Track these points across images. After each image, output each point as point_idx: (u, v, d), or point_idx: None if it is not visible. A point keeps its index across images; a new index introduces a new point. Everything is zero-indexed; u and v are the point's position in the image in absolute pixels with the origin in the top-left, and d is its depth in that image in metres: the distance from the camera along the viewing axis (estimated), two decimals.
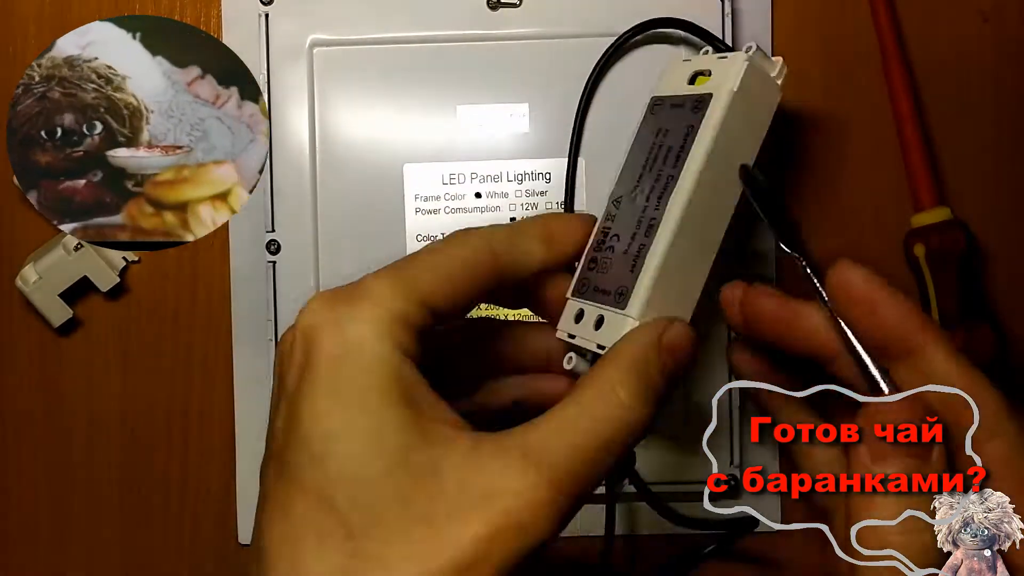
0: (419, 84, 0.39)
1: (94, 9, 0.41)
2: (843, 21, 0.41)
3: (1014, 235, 0.41)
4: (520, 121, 0.39)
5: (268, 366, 0.39)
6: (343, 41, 0.39)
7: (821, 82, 0.41)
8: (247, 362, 0.40)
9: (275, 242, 0.39)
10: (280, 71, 0.39)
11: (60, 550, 0.42)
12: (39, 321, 0.41)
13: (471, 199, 0.39)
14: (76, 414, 0.41)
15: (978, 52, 0.41)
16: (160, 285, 0.41)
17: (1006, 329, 0.40)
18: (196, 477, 0.41)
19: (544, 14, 0.39)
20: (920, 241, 0.39)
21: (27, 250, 0.41)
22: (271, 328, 0.39)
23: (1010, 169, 0.41)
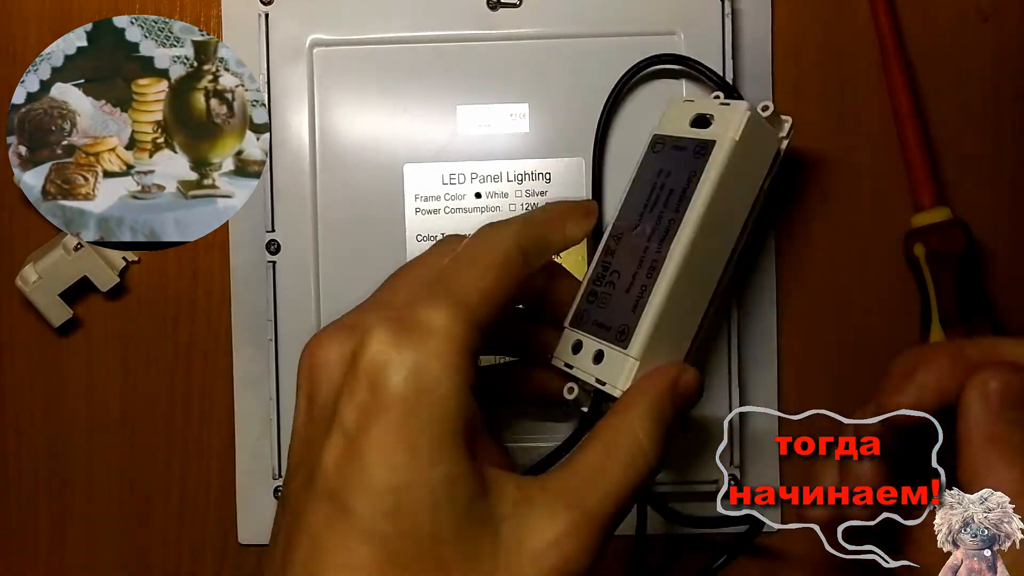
0: (419, 84, 0.39)
1: (94, 9, 0.41)
2: (843, 21, 0.41)
3: (1014, 235, 0.41)
4: (520, 121, 0.39)
5: (268, 366, 0.39)
6: (343, 41, 0.39)
7: (821, 82, 0.41)
8: (246, 362, 0.40)
9: (275, 242, 0.39)
10: (280, 71, 0.39)
11: (60, 550, 0.42)
12: (39, 321, 0.41)
13: (471, 199, 0.39)
14: (76, 414, 0.41)
15: (978, 52, 0.41)
16: (160, 285, 0.41)
17: (1006, 329, 0.40)
18: (196, 477, 0.41)
19: (544, 14, 0.39)
20: (920, 241, 0.39)
21: (27, 250, 0.41)
22: (271, 328, 0.39)
23: (1010, 169, 0.41)
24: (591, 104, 0.39)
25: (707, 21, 0.39)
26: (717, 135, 0.32)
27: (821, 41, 0.41)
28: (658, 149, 0.33)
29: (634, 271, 0.31)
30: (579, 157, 0.39)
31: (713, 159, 0.31)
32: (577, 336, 0.32)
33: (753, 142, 0.32)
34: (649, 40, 0.39)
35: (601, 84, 0.39)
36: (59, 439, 0.42)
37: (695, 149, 0.32)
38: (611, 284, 0.32)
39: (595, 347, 0.31)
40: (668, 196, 0.32)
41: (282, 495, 0.27)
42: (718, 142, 0.31)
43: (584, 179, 0.39)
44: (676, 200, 0.31)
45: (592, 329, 0.31)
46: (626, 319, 0.31)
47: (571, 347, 0.32)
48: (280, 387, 0.39)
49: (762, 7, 0.40)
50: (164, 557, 0.41)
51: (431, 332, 0.26)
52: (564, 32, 0.39)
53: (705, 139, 0.32)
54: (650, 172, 0.32)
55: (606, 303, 0.31)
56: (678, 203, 0.31)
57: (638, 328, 0.30)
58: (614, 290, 0.31)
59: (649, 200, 0.32)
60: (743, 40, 0.40)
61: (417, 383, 0.25)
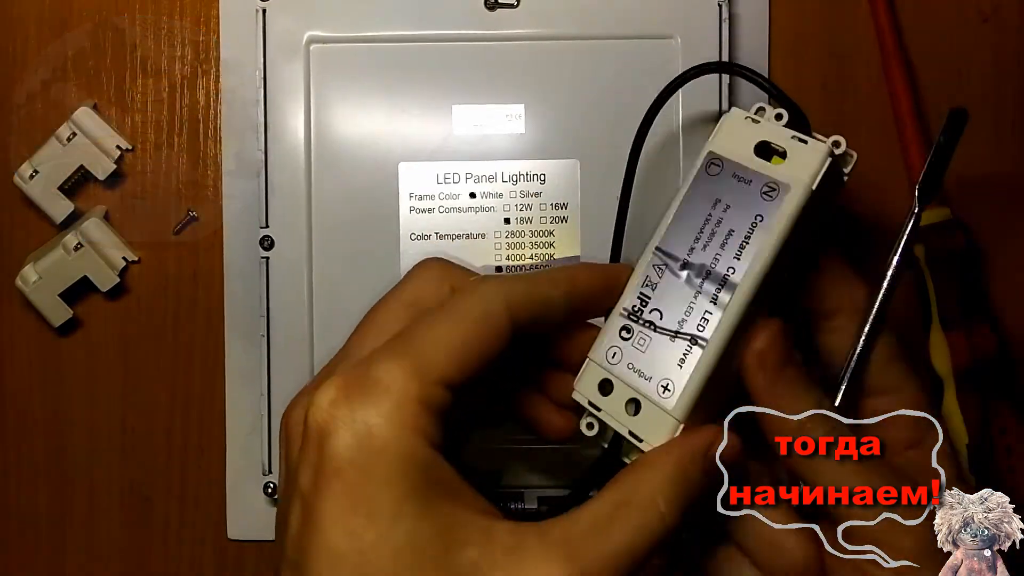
0: (416, 83, 0.39)
1: (94, 9, 0.41)
2: (843, 21, 0.41)
3: (1014, 235, 0.41)
4: (516, 122, 0.39)
5: (260, 362, 0.39)
6: (340, 38, 0.39)
7: (821, 82, 0.41)
8: (238, 356, 0.40)
9: (269, 238, 0.39)
10: (276, 67, 0.39)
11: (60, 550, 0.42)
12: (39, 321, 0.41)
13: (466, 199, 0.39)
14: (76, 414, 0.41)
15: (978, 52, 0.41)
16: (160, 285, 0.41)
17: (1006, 329, 0.40)
18: (196, 477, 0.41)
19: (541, 15, 0.39)
20: (920, 241, 0.39)
21: (27, 250, 0.41)
22: (263, 324, 0.39)
23: (1010, 169, 0.41)
24: (587, 106, 0.39)
25: (704, 25, 0.39)
26: (792, 179, 0.28)
27: (821, 41, 0.41)
28: (714, 172, 0.29)
29: (680, 318, 0.28)
30: (574, 159, 0.39)
31: (786, 207, 0.28)
32: (606, 375, 0.29)
33: (827, 187, 0.28)
34: (646, 44, 0.39)
35: (598, 86, 0.39)
36: (59, 439, 0.42)
37: (764, 189, 0.28)
38: (650, 325, 0.28)
39: (630, 395, 0.28)
40: (727, 237, 0.28)
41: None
42: (793, 188, 0.28)
43: (579, 180, 0.39)
44: (736, 246, 0.28)
45: (625, 372, 0.28)
46: (670, 373, 0.28)
47: (598, 385, 0.29)
48: (272, 383, 0.39)
49: (759, 11, 0.40)
50: (164, 557, 0.41)
51: (384, 391, 0.25)
52: (561, 34, 0.39)
53: (778, 180, 0.28)
54: (705, 198, 0.29)
55: (644, 346, 0.28)
56: (738, 250, 0.28)
57: (686, 387, 0.27)
58: (654, 333, 0.28)
59: (702, 233, 0.29)
60: (740, 44, 0.40)
61: (368, 444, 0.24)
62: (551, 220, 0.39)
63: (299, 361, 0.39)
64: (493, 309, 0.27)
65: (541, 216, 0.39)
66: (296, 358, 0.39)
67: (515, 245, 0.39)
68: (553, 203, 0.39)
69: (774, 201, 0.28)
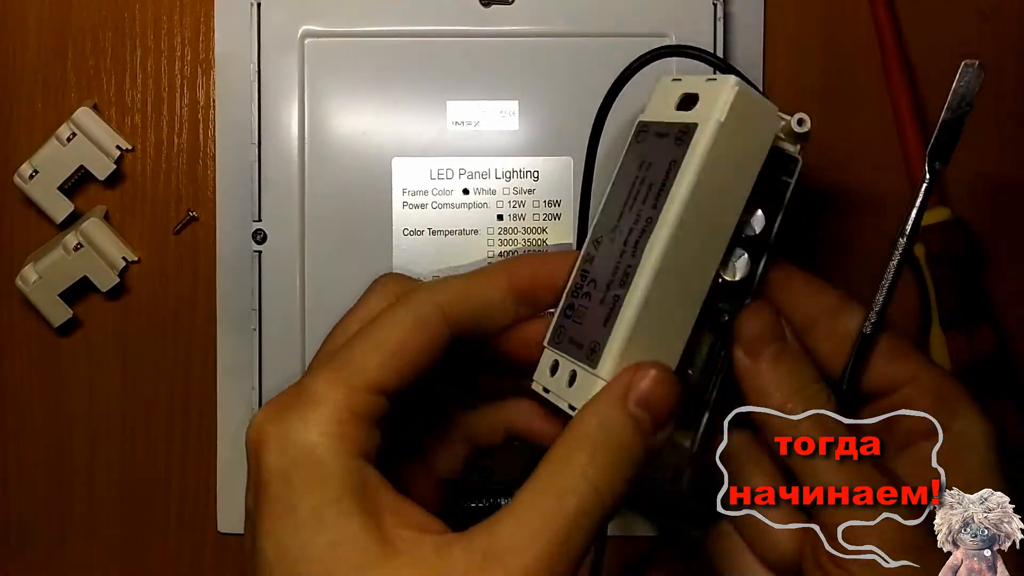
0: (410, 78, 0.39)
1: (94, 9, 0.41)
2: (843, 21, 0.41)
3: (1014, 235, 0.41)
4: (509, 119, 0.39)
5: (251, 355, 0.39)
6: (334, 33, 0.39)
7: (821, 82, 0.41)
8: (230, 351, 0.40)
9: (261, 231, 0.39)
10: (271, 62, 0.39)
11: (60, 550, 0.42)
12: (39, 321, 0.41)
13: (459, 195, 0.39)
14: (76, 414, 0.41)
15: (978, 52, 0.41)
16: (160, 285, 0.41)
17: (1006, 329, 0.40)
18: (196, 477, 0.41)
19: (536, 12, 0.39)
20: (920, 241, 0.39)
21: (27, 250, 0.41)
22: (255, 317, 0.39)
23: (1010, 169, 0.41)
24: (581, 103, 0.39)
25: (699, 24, 0.39)
26: (700, 117, 0.27)
27: (819, 40, 0.41)
28: (642, 138, 0.28)
29: (608, 279, 0.27)
30: (568, 156, 0.39)
31: (694, 146, 0.26)
32: (555, 356, 0.28)
33: (745, 122, 0.27)
34: (641, 42, 0.39)
35: (592, 84, 0.38)
36: (59, 439, 0.42)
37: (676, 135, 0.27)
38: (587, 295, 0.27)
39: (569, 368, 0.27)
40: (647, 191, 0.27)
41: None
42: (700, 125, 0.27)
43: (572, 178, 0.39)
44: (654, 196, 0.27)
45: (567, 348, 0.27)
46: (596, 335, 0.26)
47: (549, 369, 0.28)
48: (263, 377, 0.39)
49: (754, 10, 0.40)
50: (164, 556, 0.41)
51: (312, 403, 0.25)
52: (556, 31, 0.39)
53: (687, 122, 0.27)
54: (633, 165, 0.28)
55: (581, 318, 0.27)
56: (655, 198, 0.27)
57: (608, 344, 0.26)
58: (590, 302, 0.27)
59: (630, 196, 0.28)
60: (735, 43, 0.40)
61: (292, 454, 0.24)
62: (544, 217, 0.39)
63: (290, 355, 0.39)
64: (424, 312, 0.26)
65: (534, 213, 0.39)
66: (288, 352, 0.39)
67: (508, 242, 0.39)
68: (546, 200, 0.39)
69: (685, 144, 0.27)
